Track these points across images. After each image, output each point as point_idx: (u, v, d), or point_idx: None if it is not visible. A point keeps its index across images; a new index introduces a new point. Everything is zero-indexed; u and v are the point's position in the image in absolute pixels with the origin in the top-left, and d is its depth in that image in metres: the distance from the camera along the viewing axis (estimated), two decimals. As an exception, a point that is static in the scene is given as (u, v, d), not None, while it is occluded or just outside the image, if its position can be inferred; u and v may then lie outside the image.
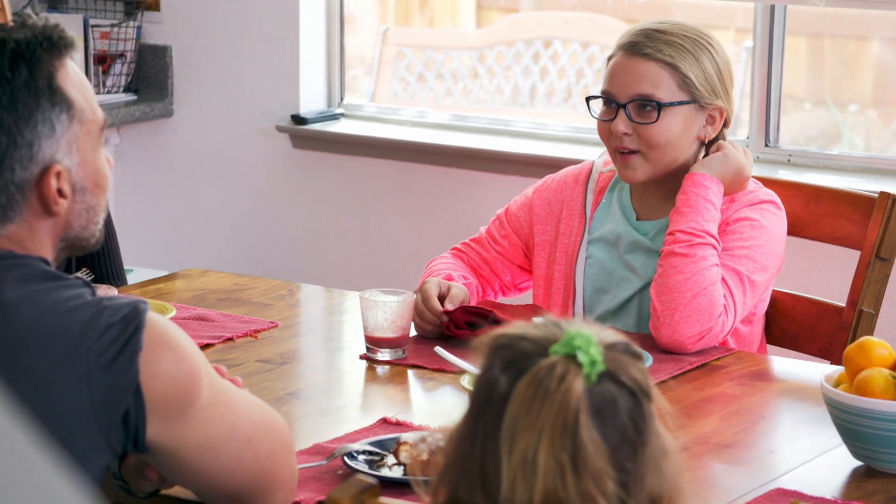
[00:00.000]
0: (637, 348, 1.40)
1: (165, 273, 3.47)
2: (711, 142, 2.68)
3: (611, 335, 1.39)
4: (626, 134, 2.63)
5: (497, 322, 2.59)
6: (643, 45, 2.62)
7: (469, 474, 1.36)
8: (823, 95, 5.47)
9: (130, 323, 1.69)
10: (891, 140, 5.43)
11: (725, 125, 2.68)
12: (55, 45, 1.75)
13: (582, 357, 1.33)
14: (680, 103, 2.62)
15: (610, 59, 2.67)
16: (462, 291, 2.65)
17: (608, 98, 2.65)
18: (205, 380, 1.74)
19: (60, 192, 1.75)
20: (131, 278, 3.59)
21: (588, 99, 2.70)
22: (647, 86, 2.62)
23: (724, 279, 2.58)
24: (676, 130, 2.63)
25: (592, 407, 1.33)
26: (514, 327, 1.39)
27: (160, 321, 1.72)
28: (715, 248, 2.59)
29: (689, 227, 2.58)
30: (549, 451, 1.31)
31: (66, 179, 1.75)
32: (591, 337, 1.35)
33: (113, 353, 1.68)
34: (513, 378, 1.34)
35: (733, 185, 2.65)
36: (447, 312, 2.59)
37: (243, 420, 1.78)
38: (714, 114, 2.65)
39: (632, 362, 1.37)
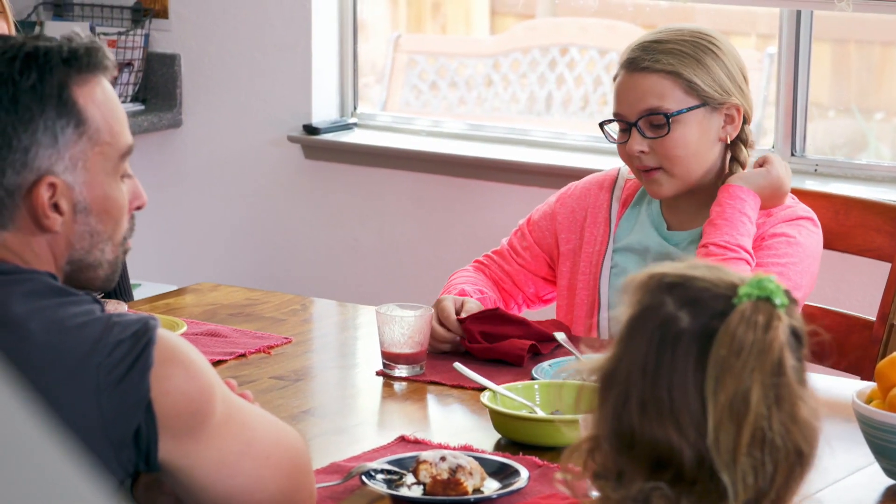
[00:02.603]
0: (790, 294, 1.49)
1: (174, 288, 3.47)
2: (734, 141, 2.67)
3: (767, 277, 1.49)
4: (643, 152, 2.63)
5: (508, 318, 2.59)
6: (641, 60, 2.62)
7: (656, 403, 1.43)
8: (849, 103, 5.47)
9: (141, 339, 1.69)
10: (918, 149, 5.42)
11: (746, 122, 2.68)
12: (79, 59, 1.73)
13: (777, 300, 1.43)
14: (689, 109, 2.62)
15: (615, 79, 2.69)
16: (476, 306, 2.64)
17: (620, 119, 2.66)
18: (218, 396, 1.73)
19: (57, 208, 1.74)
20: (139, 293, 3.59)
21: (602, 125, 2.71)
22: (653, 99, 2.62)
23: None
24: (693, 138, 2.63)
25: (790, 344, 1.44)
26: (665, 265, 1.49)
27: (171, 337, 1.72)
28: (749, 263, 2.58)
29: (723, 241, 2.58)
30: (761, 391, 1.41)
31: (65, 195, 1.74)
32: (775, 280, 1.45)
33: (123, 369, 1.68)
34: (697, 316, 1.44)
35: (771, 200, 2.65)
36: (466, 323, 2.59)
37: (260, 437, 1.77)
38: (731, 112, 2.65)
39: (794, 306, 1.48)
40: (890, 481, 2.09)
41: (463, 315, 2.60)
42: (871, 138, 5.48)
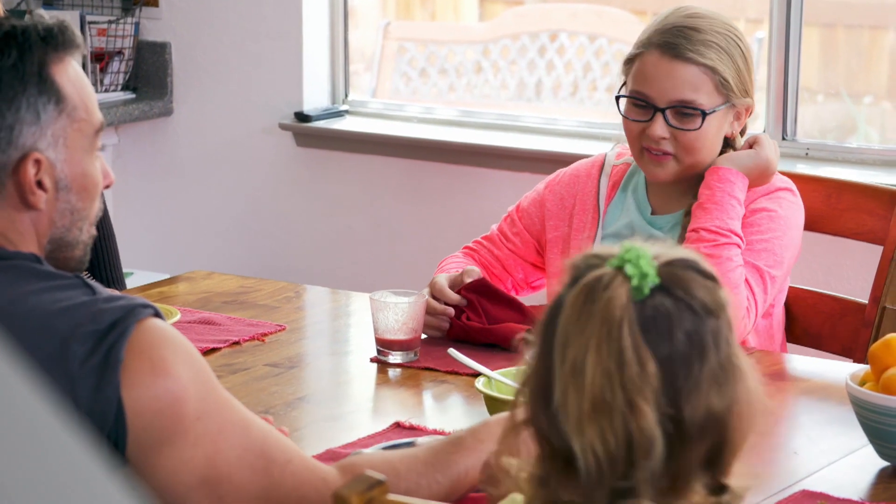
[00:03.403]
0: (708, 267, 1.44)
1: (167, 276, 3.47)
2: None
3: (680, 252, 1.44)
4: (664, 138, 2.61)
5: (506, 299, 2.59)
6: (683, 48, 2.58)
7: (535, 389, 1.42)
8: (837, 87, 5.47)
9: (115, 330, 1.64)
10: (907, 132, 5.42)
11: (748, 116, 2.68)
12: (55, 37, 1.75)
13: (629, 269, 1.39)
14: (719, 108, 2.61)
15: (636, 56, 2.62)
16: (477, 271, 2.63)
17: (642, 99, 2.62)
18: (191, 398, 1.66)
19: (41, 185, 1.74)
20: (131, 282, 3.58)
21: (618, 98, 2.66)
22: (689, 91, 2.59)
23: (745, 277, 2.57)
24: (713, 134, 2.62)
25: (641, 319, 1.38)
26: (595, 249, 1.46)
27: (151, 330, 1.66)
28: (740, 247, 2.58)
29: (714, 226, 2.58)
30: (596, 358, 1.37)
31: (48, 172, 1.74)
32: (646, 252, 1.41)
33: (97, 360, 1.64)
34: (568, 290, 1.41)
35: (759, 180, 2.65)
36: (466, 291, 2.57)
37: (232, 445, 1.69)
38: (741, 110, 2.64)
39: (695, 279, 1.41)
40: (884, 463, 2.09)
41: (466, 279, 2.59)
42: (860, 122, 5.49)
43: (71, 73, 1.76)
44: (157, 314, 1.70)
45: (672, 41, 2.59)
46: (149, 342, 1.66)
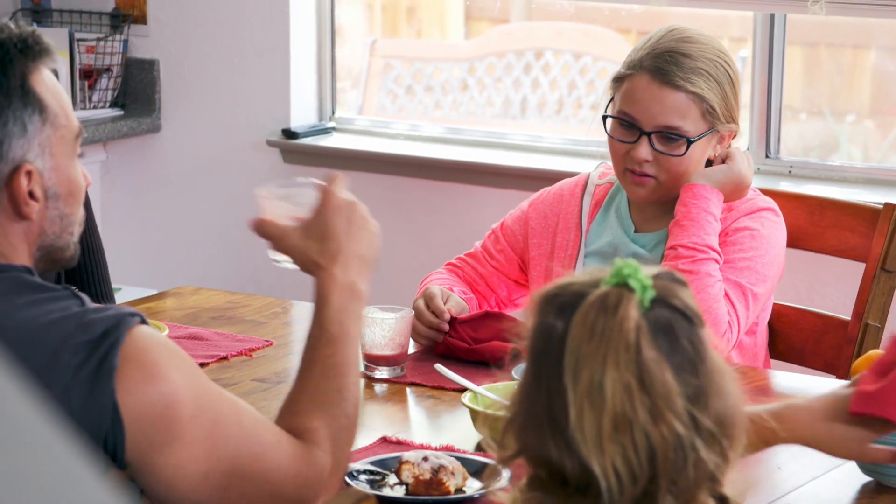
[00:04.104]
0: (681, 276, 1.47)
1: (155, 292, 3.47)
2: None
3: (653, 267, 1.46)
4: (647, 161, 2.62)
5: (495, 317, 2.60)
6: (673, 75, 2.59)
7: (536, 418, 1.41)
8: (820, 106, 5.49)
9: (108, 338, 1.66)
10: (889, 150, 5.44)
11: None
12: (31, 48, 1.76)
13: (633, 283, 1.40)
14: (704, 135, 2.62)
15: (626, 76, 2.63)
16: (459, 303, 2.65)
17: (628, 121, 2.63)
18: (186, 401, 1.69)
19: (32, 195, 1.76)
20: (119, 297, 3.58)
21: (605, 118, 2.67)
22: (676, 118, 2.60)
23: (726, 293, 2.58)
24: (696, 159, 2.64)
25: (651, 330, 1.39)
26: (561, 279, 1.46)
27: (143, 337, 1.68)
28: (717, 262, 2.59)
29: (691, 243, 2.59)
30: (615, 375, 1.37)
31: (38, 182, 1.76)
32: (638, 266, 1.42)
33: (90, 369, 1.66)
34: (568, 318, 1.40)
35: (733, 195, 2.66)
36: (452, 321, 2.59)
37: (230, 445, 1.74)
38: (725, 134, 2.66)
39: (680, 288, 1.44)
40: (866, 478, 2.10)
41: (450, 307, 2.61)
42: (842, 140, 5.50)
43: (48, 82, 1.78)
44: (144, 321, 1.72)
45: (663, 67, 2.59)
46: (141, 348, 1.68)
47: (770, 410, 1.83)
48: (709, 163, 2.68)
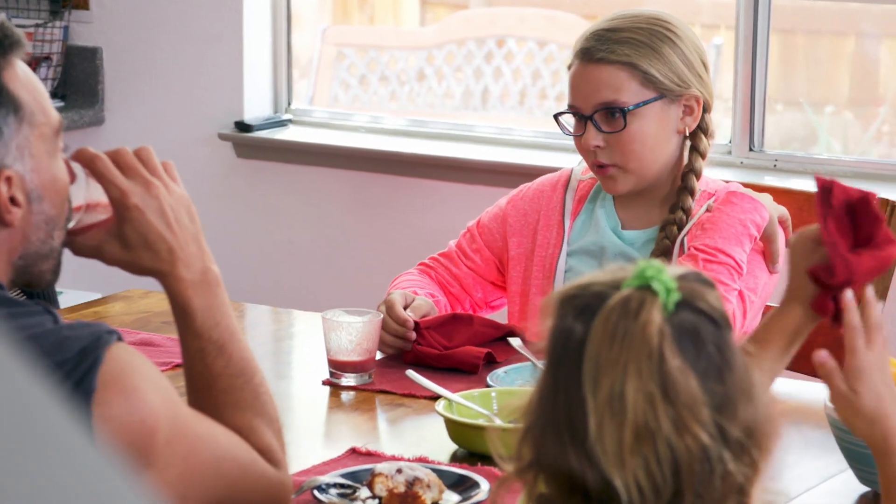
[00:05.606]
0: (708, 277, 1.46)
1: (99, 295, 3.45)
2: (695, 131, 2.69)
3: (679, 268, 1.45)
4: (598, 147, 2.64)
5: (464, 320, 2.60)
6: (596, 50, 2.64)
7: (556, 427, 1.40)
8: (797, 96, 5.51)
9: (86, 359, 1.66)
10: (870, 143, 5.47)
11: (706, 110, 2.70)
12: (0, 43, 1.73)
13: (656, 286, 1.39)
14: (646, 102, 2.63)
15: (569, 68, 2.70)
16: (426, 303, 2.65)
17: (575, 112, 2.68)
18: (162, 425, 1.69)
19: (13, 201, 1.73)
20: (62, 300, 3.55)
21: (556, 116, 2.73)
22: (608, 92, 2.63)
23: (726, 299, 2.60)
24: (650, 131, 2.64)
25: (675, 336, 1.39)
26: (581, 278, 1.46)
27: (121, 357, 1.68)
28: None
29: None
30: (637, 384, 1.37)
31: (19, 187, 1.73)
32: (662, 267, 1.41)
33: (68, 389, 1.65)
34: (588, 321, 1.40)
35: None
36: (417, 327, 2.58)
37: (205, 468, 1.74)
38: (690, 103, 2.67)
39: (707, 290, 1.43)
40: (863, 488, 2.11)
41: (410, 313, 2.60)
42: (821, 132, 5.53)
43: (21, 77, 1.75)
44: (121, 338, 1.72)
45: (587, 46, 2.65)
46: (120, 371, 1.67)
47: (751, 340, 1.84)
48: (692, 137, 2.68)
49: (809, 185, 3.60)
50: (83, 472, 0.78)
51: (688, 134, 2.70)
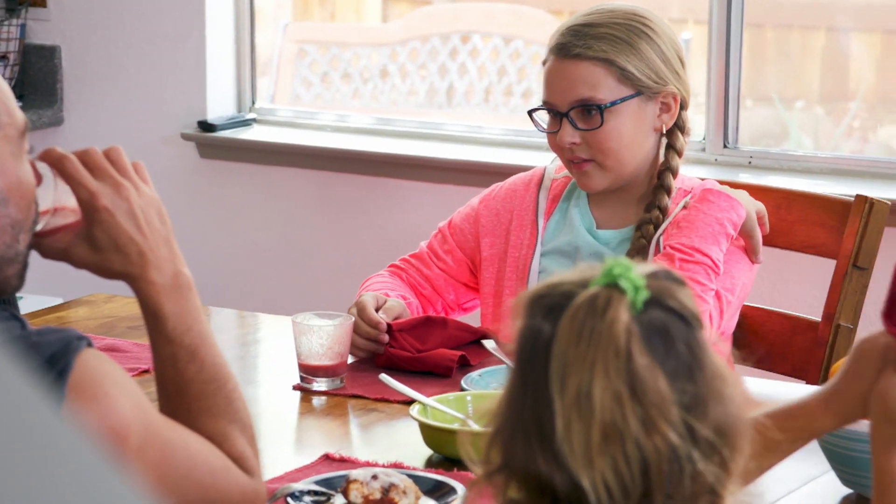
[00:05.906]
0: (679, 275, 1.45)
1: (61, 300, 3.42)
2: (671, 129, 2.68)
3: (649, 265, 1.44)
4: (574, 144, 2.64)
5: (436, 322, 2.59)
6: (572, 46, 2.63)
7: (524, 428, 1.40)
8: (767, 91, 5.52)
9: (55, 366, 1.64)
10: (842, 139, 5.48)
11: (683, 108, 2.69)
12: None
13: (624, 283, 1.39)
14: (623, 100, 2.63)
15: (544, 63, 2.69)
16: (398, 304, 2.64)
17: (550, 108, 2.67)
18: (133, 432, 1.68)
19: None
20: (23, 306, 3.52)
21: (531, 113, 2.72)
22: (585, 88, 2.63)
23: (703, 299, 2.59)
24: (627, 129, 2.64)
25: (643, 334, 1.38)
26: (551, 278, 1.45)
27: (90, 364, 1.66)
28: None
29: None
30: (604, 383, 1.36)
31: None
32: (630, 265, 1.40)
33: None
34: (556, 321, 1.39)
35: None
36: (390, 329, 2.57)
37: (175, 474, 1.72)
38: (668, 100, 2.66)
39: (677, 288, 1.42)
40: (846, 490, 2.11)
41: (383, 315, 2.59)
42: (792, 128, 5.54)
43: None
44: (90, 344, 1.69)
45: (563, 42, 2.64)
46: (90, 378, 1.65)
47: (772, 413, 1.77)
48: (669, 135, 2.68)
49: (785, 182, 3.62)
50: (69, 468, 0.76)
51: (664, 131, 2.69)
